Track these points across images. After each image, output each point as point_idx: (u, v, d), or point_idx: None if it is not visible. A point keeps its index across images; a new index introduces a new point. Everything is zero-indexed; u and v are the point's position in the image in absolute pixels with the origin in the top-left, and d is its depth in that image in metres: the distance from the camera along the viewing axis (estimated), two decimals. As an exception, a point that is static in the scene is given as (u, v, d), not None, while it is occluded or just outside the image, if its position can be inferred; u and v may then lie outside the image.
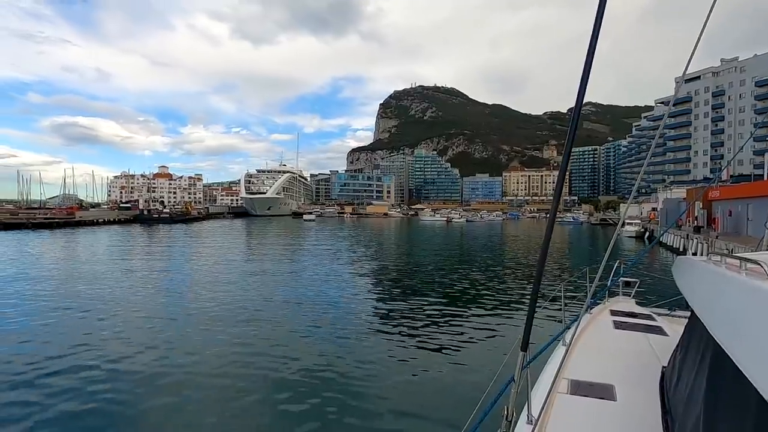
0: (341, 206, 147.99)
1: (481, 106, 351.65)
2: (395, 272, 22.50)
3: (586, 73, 1.68)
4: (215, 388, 7.56)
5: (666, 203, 49.28)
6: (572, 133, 1.78)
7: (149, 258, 26.92)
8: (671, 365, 3.19)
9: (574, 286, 14.08)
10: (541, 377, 3.63)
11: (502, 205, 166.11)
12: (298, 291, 16.57)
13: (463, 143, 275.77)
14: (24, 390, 7.36)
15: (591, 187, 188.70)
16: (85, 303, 13.94)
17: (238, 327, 11.37)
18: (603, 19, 1.64)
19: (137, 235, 47.69)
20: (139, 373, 8.10)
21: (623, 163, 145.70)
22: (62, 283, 17.64)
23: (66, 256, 27.90)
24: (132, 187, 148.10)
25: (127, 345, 9.75)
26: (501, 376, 3.62)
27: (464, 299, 15.22)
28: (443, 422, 6.39)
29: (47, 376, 7.93)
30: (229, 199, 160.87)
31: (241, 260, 26.72)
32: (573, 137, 1.79)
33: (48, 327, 11.20)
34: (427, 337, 10.64)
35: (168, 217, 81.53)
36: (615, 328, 4.75)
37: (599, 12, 1.64)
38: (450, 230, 65.95)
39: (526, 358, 2.12)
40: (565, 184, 6.15)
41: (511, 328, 11.50)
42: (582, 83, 1.69)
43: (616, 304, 5.90)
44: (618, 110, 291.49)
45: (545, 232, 1.96)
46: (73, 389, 7.41)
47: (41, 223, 57.04)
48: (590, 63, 1.68)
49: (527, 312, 2.04)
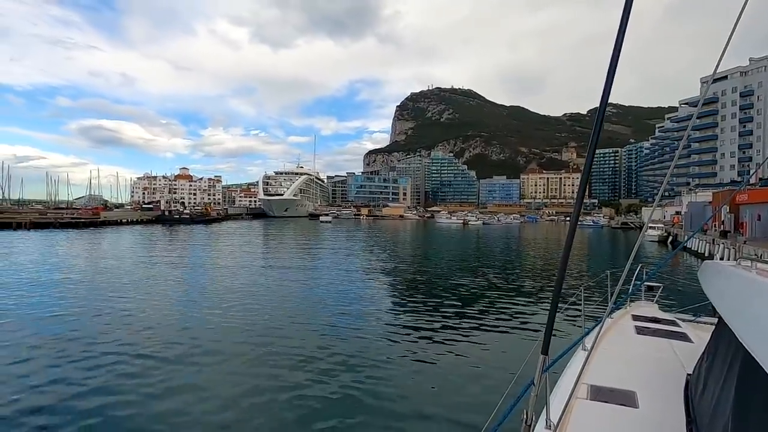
0: (357, 208, 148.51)
1: (499, 107, 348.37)
2: (411, 273, 22.47)
3: (611, 73, 1.62)
4: (233, 383, 7.68)
5: (691, 207, 47.83)
6: (596, 134, 1.72)
7: (171, 257, 27.54)
8: (696, 373, 3.11)
9: (594, 291, 13.81)
10: (561, 382, 3.58)
11: (519, 208, 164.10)
12: (315, 291, 16.71)
13: (480, 145, 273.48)
14: (44, 378, 7.63)
15: (612, 190, 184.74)
16: (110, 298, 14.41)
17: (257, 325, 11.55)
18: (630, 17, 1.57)
19: (159, 235, 48.86)
20: (158, 368, 8.30)
21: (645, 165, 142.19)
22: (88, 279, 18.20)
23: (93, 254, 28.78)
24: (154, 188, 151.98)
25: (149, 339, 10.00)
26: (520, 379, 3.59)
27: (482, 301, 15.10)
28: (461, 424, 6.36)
29: (62, 368, 8.21)
30: (248, 200, 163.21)
31: (259, 260, 27.10)
32: (597, 139, 1.73)
33: (72, 321, 11.58)
34: (445, 338, 10.61)
35: (188, 217, 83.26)
36: (637, 333, 4.65)
37: (626, 10, 1.57)
38: (466, 233, 65.48)
39: (546, 361, 2.09)
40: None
41: (529, 331, 11.36)
42: (607, 83, 1.64)
43: (638, 309, 5.77)
44: (640, 111, 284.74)
45: (567, 235, 1.92)
46: (92, 379, 7.65)
47: (68, 222, 58.98)
48: (615, 63, 1.61)
49: (548, 315, 2.01)
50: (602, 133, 1.70)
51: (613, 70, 1.62)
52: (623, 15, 1.58)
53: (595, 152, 1.77)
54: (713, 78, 2.89)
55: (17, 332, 10.63)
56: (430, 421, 6.55)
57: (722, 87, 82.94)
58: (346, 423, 6.44)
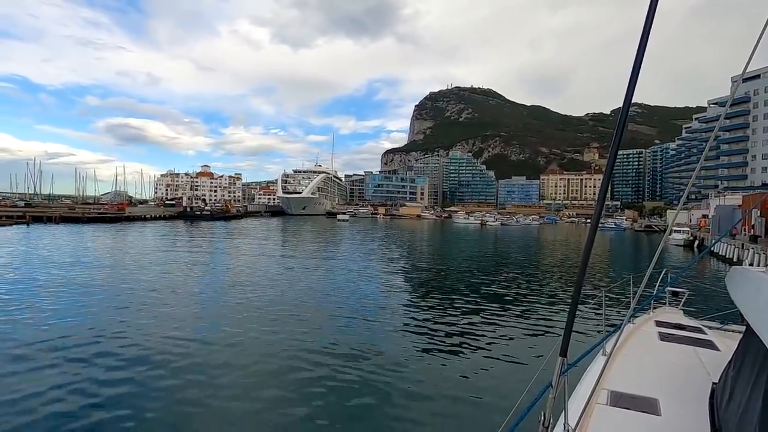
0: (374, 207, 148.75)
1: (519, 107, 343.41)
2: (429, 272, 22.44)
3: (635, 72, 1.59)
4: (250, 377, 7.84)
5: (718, 210, 46.18)
6: (619, 135, 1.70)
7: (193, 251, 28.21)
8: (722, 381, 3.03)
9: (615, 294, 13.53)
10: (579, 386, 3.54)
11: (539, 209, 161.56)
12: (333, 287, 16.84)
13: (500, 145, 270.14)
14: (61, 367, 7.93)
15: (635, 192, 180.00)
16: (136, 290, 14.89)
17: (274, 318, 11.75)
18: (655, 15, 1.54)
19: (181, 231, 50.04)
20: (176, 359, 8.54)
21: (671, 167, 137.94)
22: (115, 271, 18.84)
23: (120, 248, 29.74)
24: (177, 185, 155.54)
25: (169, 331, 10.29)
26: (537, 381, 3.56)
27: (500, 301, 14.96)
28: (478, 422, 6.34)
29: (79, 360, 8.51)
30: (267, 198, 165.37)
31: (277, 255, 27.51)
32: (620, 140, 1.71)
33: (97, 311, 12.01)
34: (462, 337, 10.58)
35: (209, 214, 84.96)
36: (660, 339, 4.55)
37: (651, 8, 1.54)
38: (484, 233, 64.86)
39: (564, 364, 2.08)
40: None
41: (547, 332, 11.23)
42: (631, 83, 1.61)
43: (661, 315, 5.64)
44: (666, 111, 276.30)
45: (587, 236, 1.92)
46: (111, 370, 7.91)
47: (95, 217, 60.99)
48: (640, 62, 1.58)
49: (567, 317, 2.01)
50: (626, 134, 1.73)
51: (638, 70, 1.59)
52: (648, 13, 1.55)
53: (617, 153, 1.74)
54: (744, 77, 2.79)
55: (51, 323, 11.08)
56: (447, 419, 6.56)
57: (754, 86, 79.75)
58: (364, 418, 6.49)
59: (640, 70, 1.60)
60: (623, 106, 1.68)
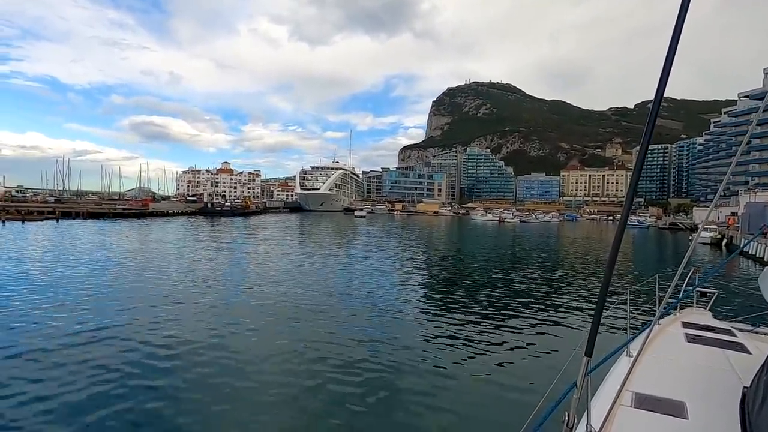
0: (392, 203, 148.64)
1: (539, 102, 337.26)
2: (447, 268, 22.37)
3: (668, 64, 1.52)
4: (267, 374, 7.98)
5: (749, 207, 44.48)
6: (649, 130, 1.64)
7: (214, 247, 28.82)
8: (754, 386, 2.94)
9: (641, 294, 13.22)
10: (603, 387, 3.49)
11: (558, 206, 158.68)
12: (351, 283, 16.95)
13: (519, 141, 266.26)
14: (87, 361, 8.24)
15: (660, 188, 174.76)
16: (161, 283, 15.34)
17: (291, 314, 11.92)
18: (689, 5, 1.48)
19: (202, 227, 51.09)
20: (195, 353, 8.76)
21: (698, 162, 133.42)
22: (143, 266, 19.41)
23: (146, 243, 30.63)
24: (198, 181, 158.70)
25: (190, 326, 10.57)
26: (560, 381, 3.52)
27: (521, 299, 14.81)
28: (500, 422, 6.33)
29: (98, 353, 8.81)
30: (285, 194, 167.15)
31: (297, 251, 27.89)
32: (650, 135, 1.65)
33: (132, 302, 12.43)
34: (482, 335, 10.52)
35: (229, 210, 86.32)
36: (688, 341, 4.43)
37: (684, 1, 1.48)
38: (502, 230, 64.13)
39: (589, 364, 2.06)
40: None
41: (570, 332, 11.06)
42: (663, 76, 1.53)
43: (689, 316, 5.48)
44: (693, 105, 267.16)
45: (615, 234, 1.88)
46: (131, 364, 8.17)
47: (120, 213, 62.78)
48: (673, 54, 1.51)
49: (593, 317, 1.98)
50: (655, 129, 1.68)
51: (670, 62, 1.52)
52: (683, 3, 1.49)
53: (648, 148, 1.69)
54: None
55: (82, 313, 11.51)
56: (469, 416, 6.55)
57: (789, 78, 76.30)
58: (384, 413, 6.54)
59: (673, 63, 1.52)
60: (654, 99, 1.62)
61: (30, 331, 9.85)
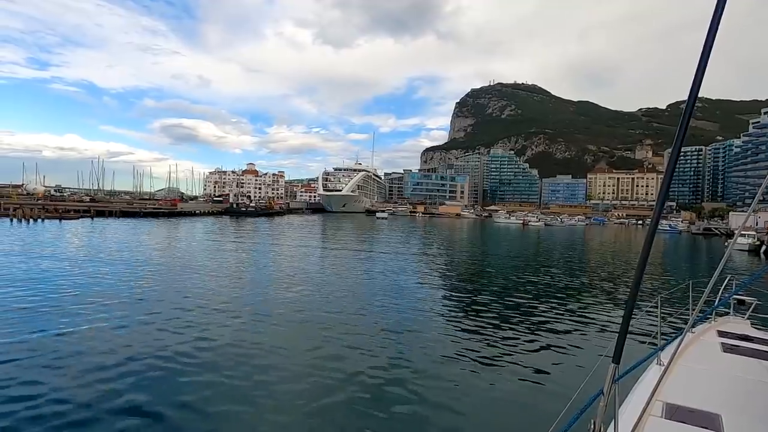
0: (413, 205, 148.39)
1: (566, 103, 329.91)
2: (470, 272, 22.19)
3: (703, 63, 1.47)
4: (295, 366, 8.10)
5: (791, 213, 42.25)
6: (682, 131, 1.60)
7: (242, 247, 29.52)
8: None
9: (672, 301, 12.75)
10: (632, 396, 3.38)
11: (585, 209, 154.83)
12: (372, 287, 16.98)
13: (544, 142, 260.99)
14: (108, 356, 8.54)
15: (693, 192, 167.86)
16: (189, 280, 15.87)
17: (320, 305, 12.21)
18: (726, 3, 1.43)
19: (228, 226, 52.34)
20: (217, 351, 8.97)
21: (735, 165, 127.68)
22: (173, 263, 20.06)
23: (176, 241, 31.66)
24: (224, 182, 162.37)
25: (227, 312, 10.88)
26: (587, 388, 3.43)
27: (546, 304, 14.53)
28: (524, 429, 6.22)
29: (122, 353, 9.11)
30: (308, 195, 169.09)
31: (320, 250, 28.31)
32: (683, 137, 1.61)
33: (167, 295, 12.88)
34: (506, 339, 10.38)
35: (254, 210, 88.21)
36: (723, 351, 4.25)
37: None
38: (526, 234, 62.98)
39: (617, 371, 2.02)
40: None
41: (598, 338, 10.80)
42: (697, 75, 1.49)
43: (725, 325, 5.25)
44: (729, 105, 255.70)
45: (645, 239, 1.84)
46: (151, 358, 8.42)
47: (150, 212, 65.05)
48: (708, 51, 1.46)
49: (621, 322, 1.94)
50: (689, 130, 1.64)
51: (705, 61, 1.47)
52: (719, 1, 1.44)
53: (681, 150, 1.63)
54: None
55: (113, 310, 11.99)
56: (491, 422, 6.48)
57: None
58: (404, 421, 6.51)
59: (708, 61, 1.47)
60: (688, 99, 1.58)
61: (75, 323, 10.33)
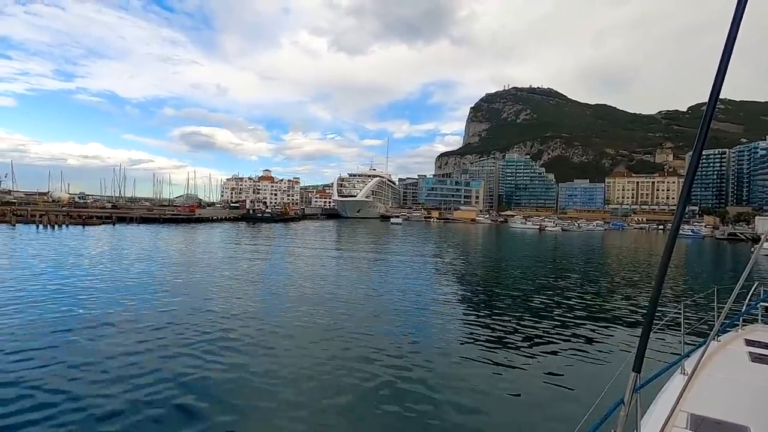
0: (428, 211, 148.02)
1: (582, 106, 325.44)
2: (486, 277, 21.96)
3: (724, 63, 1.44)
4: (307, 372, 8.12)
5: (821, 217, 40.65)
6: (703, 134, 1.56)
7: (261, 251, 29.87)
8: None
9: (696, 308, 12.39)
10: (654, 406, 3.30)
11: (603, 214, 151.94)
12: (389, 290, 16.93)
13: (560, 147, 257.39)
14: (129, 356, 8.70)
15: (716, 196, 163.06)
16: (211, 281, 16.14)
17: (335, 307, 12.41)
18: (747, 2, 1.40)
19: (245, 232, 53.06)
20: (235, 350, 9.07)
21: (761, 168, 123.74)
22: (192, 269, 20.43)
23: (195, 246, 32.24)
24: (240, 188, 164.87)
25: (247, 314, 11.01)
26: (607, 396, 3.36)
27: (565, 310, 14.27)
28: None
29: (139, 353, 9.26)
30: (323, 201, 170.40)
31: (335, 255, 28.45)
32: (705, 139, 1.57)
33: (189, 298, 13.13)
34: (524, 345, 10.25)
35: (270, 216, 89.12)
36: (751, 360, 4.11)
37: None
38: (543, 239, 62.09)
39: (638, 380, 2.00)
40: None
41: (619, 345, 10.56)
42: (718, 76, 1.46)
43: (752, 333, 5.08)
44: (754, 107, 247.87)
45: (666, 244, 1.81)
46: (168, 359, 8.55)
47: (169, 218, 66.42)
48: (730, 51, 1.43)
49: (642, 330, 1.92)
50: (710, 132, 1.60)
51: (727, 61, 1.44)
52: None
53: (701, 153, 1.60)
54: None
55: (132, 314, 12.26)
56: (510, 426, 6.41)
57: None
58: (424, 419, 6.49)
59: (729, 62, 1.44)
60: (709, 101, 1.54)
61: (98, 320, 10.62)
